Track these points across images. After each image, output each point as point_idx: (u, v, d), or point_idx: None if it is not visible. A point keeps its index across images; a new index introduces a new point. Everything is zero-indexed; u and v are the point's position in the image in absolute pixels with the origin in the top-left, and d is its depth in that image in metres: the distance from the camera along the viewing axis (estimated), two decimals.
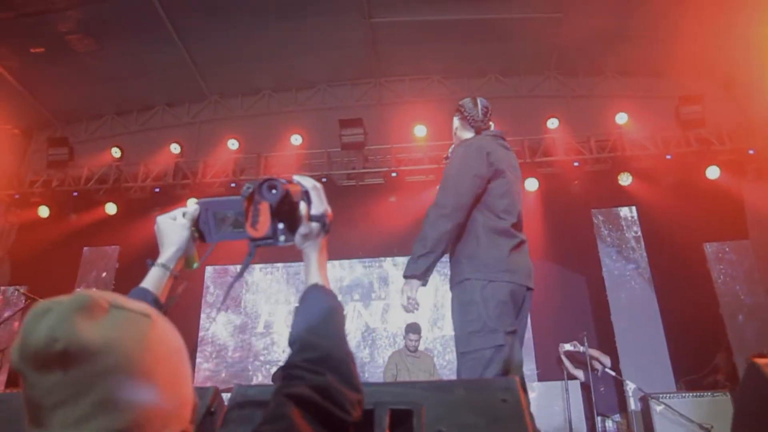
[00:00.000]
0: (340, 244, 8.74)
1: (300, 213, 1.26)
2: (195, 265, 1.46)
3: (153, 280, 1.36)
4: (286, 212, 1.23)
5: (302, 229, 1.27)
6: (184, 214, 1.39)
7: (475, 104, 3.37)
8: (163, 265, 1.37)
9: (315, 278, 1.29)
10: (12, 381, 7.57)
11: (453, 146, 3.38)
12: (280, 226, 1.23)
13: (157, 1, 8.50)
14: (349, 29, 9.11)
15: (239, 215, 1.30)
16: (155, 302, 1.31)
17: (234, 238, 1.32)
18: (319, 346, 1.13)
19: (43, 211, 9.29)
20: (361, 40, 9.38)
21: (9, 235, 9.61)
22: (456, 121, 3.43)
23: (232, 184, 8.81)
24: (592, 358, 7.03)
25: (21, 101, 9.94)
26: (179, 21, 8.91)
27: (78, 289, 1.33)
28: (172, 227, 1.38)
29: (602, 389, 7.10)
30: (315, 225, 1.29)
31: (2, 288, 8.97)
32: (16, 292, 8.33)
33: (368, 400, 1.22)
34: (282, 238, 1.23)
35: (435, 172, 8.80)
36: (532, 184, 8.64)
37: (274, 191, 1.19)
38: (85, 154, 9.84)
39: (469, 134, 3.34)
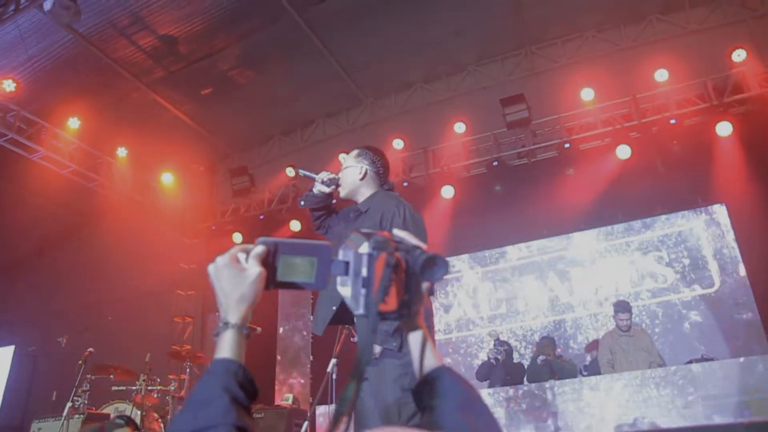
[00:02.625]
0: (522, 225, 8.55)
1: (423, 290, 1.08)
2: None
3: (231, 346, 1.07)
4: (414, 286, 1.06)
5: (418, 305, 1.08)
6: (247, 257, 1.12)
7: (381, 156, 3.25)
8: (238, 327, 1.09)
9: (435, 358, 1.12)
10: None
11: (364, 198, 3.15)
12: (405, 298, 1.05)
13: (302, 21, 8.82)
14: (489, 1, 8.84)
15: (308, 262, 1.11)
16: (245, 374, 1.05)
17: (300, 287, 1.13)
18: None
19: (237, 238, 10.06)
20: (505, 11, 9.06)
21: None
22: (365, 167, 3.16)
23: (405, 183, 8.91)
24: None
25: (200, 140, 10.83)
26: (324, 34, 9.20)
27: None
28: (240, 277, 1.09)
29: None
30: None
31: (214, 313, 9.87)
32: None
33: None
34: (405, 314, 1.06)
35: (611, 134, 8.28)
36: (724, 128, 7.82)
37: (437, 269, 1.01)
38: (262, 177, 10.48)
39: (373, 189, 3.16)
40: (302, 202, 3.26)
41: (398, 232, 1.13)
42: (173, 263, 10.69)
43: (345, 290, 1.08)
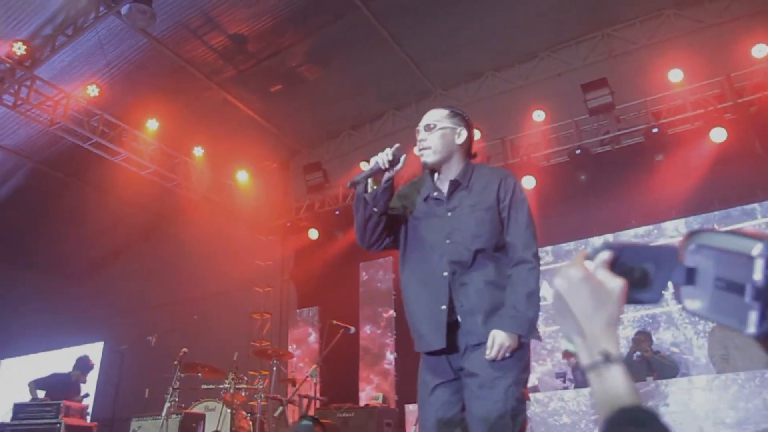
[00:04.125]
0: (609, 215, 8.20)
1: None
2: None
3: (628, 387, 0.84)
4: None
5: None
6: (595, 266, 0.90)
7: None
8: (619, 358, 0.87)
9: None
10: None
11: (458, 169, 2.63)
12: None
13: (369, 14, 8.71)
14: None
15: (648, 270, 0.91)
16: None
17: (634, 301, 0.92)
18: None
19: (313, 234, 10.07)
20: None
21: (289, 261, 10.64)
22: (464, 131, 2.68)
23: None
24: None
25: (271, 137, 10.90)
26: (392, 26, 9.08)
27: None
28: (604, 293, 0.88)
29: None
30: None
31: (297, 311, 9.94)
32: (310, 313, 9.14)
33: None
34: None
35: (702, 117, 7.81)
36: None
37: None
38: (334, 172, 10.45)
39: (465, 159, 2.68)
40: (356, 186, 2.50)
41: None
42: (249, 261, 10.83)
43: (693, 304, 0.88)
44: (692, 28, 8.69)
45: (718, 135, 7.52)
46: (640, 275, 0.92)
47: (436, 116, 2.66)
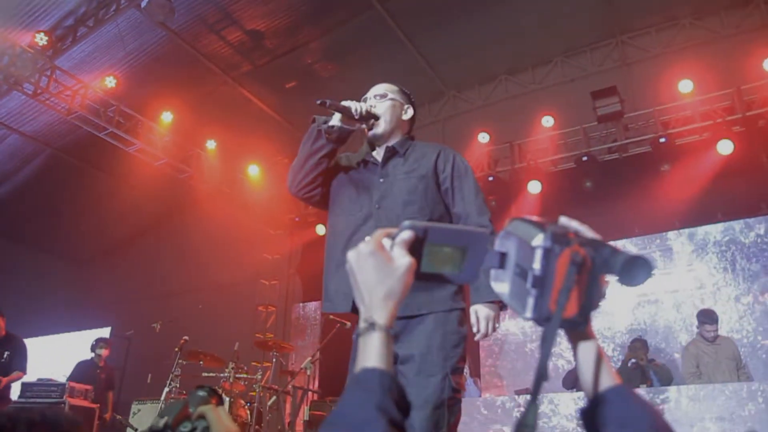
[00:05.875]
0: (612, 223, 8.22)
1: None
2: None
3: (380, 352, 0.90)
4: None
5: (594, 311, 0.89)
6: (392, 244, 0.95)
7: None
8: (386, 328, 0.93)
9: (611, 376, 0.93)
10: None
11: (397, 141, 2.61)
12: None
13: (385, 13, 8.80)
14: None
15: (459, 251, 0.95)
16: (398, 388, 0.88)
17: (445, 280, 0.98)
18: None
19: (320, 229, 10.19)
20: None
21: (296, 256, 10.78)
22: (410, 107, 2.71)
23: (490, 177, 8.75)
24: None
25: (284, 132, 11.02)
26: (407, 27, 9.18)
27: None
28: (388, 269, 0.93)
29: None
30: None
31: (301, 304, 10.07)
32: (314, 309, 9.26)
33: None
34: (581, 321, 0.88)
35: (710, 129, 7.81)
36: None
37: (640, 272, 0.82)
38: None
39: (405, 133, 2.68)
40: (325, 106, 2.42)
41: (566, 221, 0.94)
42: (257, 253, 10.98)
43: (501, 287, 0.94)
44: (706, 39, 8.69)
45: (725, 147, 7.51)
46: (456, 255, 0.96)
47: (388, 88, 2.68)
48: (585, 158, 8.20)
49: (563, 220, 0.95)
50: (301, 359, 9.73)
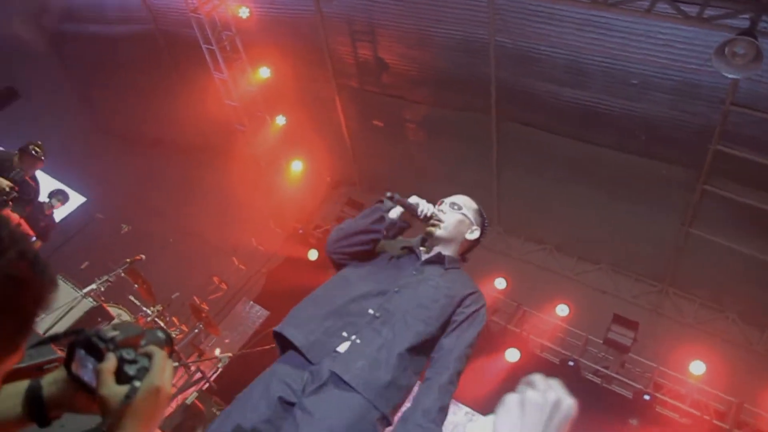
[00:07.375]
0: None
1: None
2: None
3: None
4: None
5: None
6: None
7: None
8: None
9: None
10: None
11: (449, 256, 2.60)
12: None
13: (495, 130, 8.92)
14: (660, 225, 8.63)
15: None
16: None
17: None
18: None
19: (312, 255, 10.06)
20: (668, 242, 8.79)
21: (275, 260, 10.59)
22: (477, 231, 2.70)
23: None
24: None
25: (343, 157, 11.05)
26: (504, 152, 9.26)
27: None
28: None
29: None
30: None
31: (250, 303, 9.80)
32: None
33: None
34: None
35: (692, 417, 7.67)
36: None
37: None
38: None
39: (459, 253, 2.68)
40: (390, 201, 2.52)
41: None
42: (246, 235, 10.81)
43: None
44: (740, 338, 8.62)
45: None
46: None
47: (467, 203, 2.73)
48: (571, 363, 8.07)
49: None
50: (214, 348, 9.43)
